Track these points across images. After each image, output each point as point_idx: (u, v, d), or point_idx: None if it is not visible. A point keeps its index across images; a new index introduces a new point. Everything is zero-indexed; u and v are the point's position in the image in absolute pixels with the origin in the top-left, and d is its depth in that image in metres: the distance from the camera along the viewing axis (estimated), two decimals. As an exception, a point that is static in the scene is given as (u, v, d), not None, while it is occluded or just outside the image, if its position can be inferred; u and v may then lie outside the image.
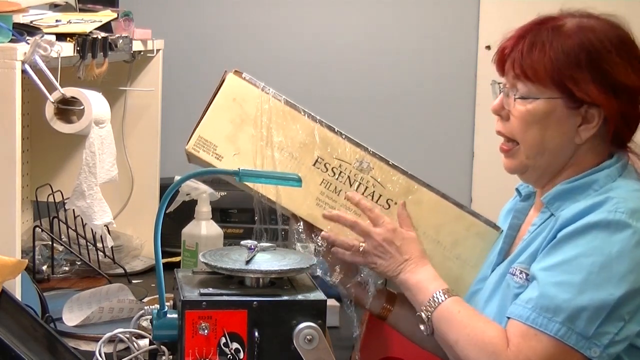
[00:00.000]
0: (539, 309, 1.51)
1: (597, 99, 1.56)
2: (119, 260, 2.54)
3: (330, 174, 1.76)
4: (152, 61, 2.63)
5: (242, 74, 1.79)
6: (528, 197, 1.75)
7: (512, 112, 1.62)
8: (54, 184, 2.55)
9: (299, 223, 1.76)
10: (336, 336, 2.01)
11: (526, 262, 1.61)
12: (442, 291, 1.64)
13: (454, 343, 1.58)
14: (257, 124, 1.76)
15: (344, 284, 1.79)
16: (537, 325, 1.50)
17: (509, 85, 1.63)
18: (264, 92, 1.78)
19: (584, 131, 1.59)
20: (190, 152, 1.76)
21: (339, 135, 1.78)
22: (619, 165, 1.62)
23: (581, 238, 1.52)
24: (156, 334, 1.58)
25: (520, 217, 1.75)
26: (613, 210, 1.52)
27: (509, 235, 1.74)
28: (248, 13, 3.07)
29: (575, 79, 1.56)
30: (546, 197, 1.65)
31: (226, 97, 1.77)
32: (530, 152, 1.62)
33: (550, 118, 1.59)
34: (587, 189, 1.60)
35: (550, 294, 1.50)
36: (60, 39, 1.94)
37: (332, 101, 3.02)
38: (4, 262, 1.59)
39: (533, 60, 1.58)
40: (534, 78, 1.58)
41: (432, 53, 3.03)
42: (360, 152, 1.77)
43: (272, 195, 1.74)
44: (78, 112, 1.95)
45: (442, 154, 3.05)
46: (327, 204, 1.75)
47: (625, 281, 1.49)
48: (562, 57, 1.57)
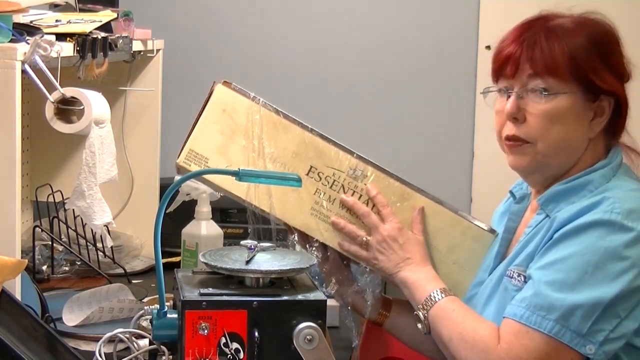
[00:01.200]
0: (532, 307, 1.51)
1: (616, 88, 1.61)
2: (119, 260, 2.54)
3: (324, 183, 1.75)
4: (152, 61, 2.63)
5: (232, 84, 1.76)
6: (522, 199, 1.75)
7: (531, 111, 1.61)
8: (54, 184, 2.55)
9: (293, 234, 1.76)
10: (336, 336, 2.01)
11: (523, 264, 1.61)
12: (439, 290, 1.65)
13: (448, 341, 1.59)
14: (248, 135, 1.75)
15: (341, 294, 1.79)
16: (531, 324, 1.50)
17: (520, 86, 1.62)
18: (254, 102, 1.75)
19: (596, 125, 1.62)
20: (182, 166, 1.74)
21: (332, 143, 1.76)
22: (614, 164, 1.63)
23: (576, 237, 1.53)
24: (156, 334, 1.58)
25: (516, 219, 1.75)
26: (609, 210, 1.52)
27: (505, 238, 1.74)
28: (248, 13, 3.07)
29: (594, 69, 1.59)
30: (541, 199, 1.65)
31: (215, 108, 1.75)
32: (550, 150, 1.61)
33: (570, 113, 1.60)
34: (581, 190, 1.60)
35: (544, 293, 1.51)
36: (60, 39, 1.94)
37: (331, 101, 3.02)
38: (4, 262, 1.59)
39: (554, 55, 1.59)
40: (557, 73, 1.59)
41: (432, 53, 3.03)
42: (354, 160, 1.76)
43: (266, 207, 1.73)
44: (78, 112, 1.95)
45: (442, 154, 3.04)
46: (321, 213, 1.74)
47: (620, 281, 1.49)
48: (579, 50, 1.59)
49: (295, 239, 1.76)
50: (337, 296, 1.80)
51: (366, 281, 1.77)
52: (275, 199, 1.72)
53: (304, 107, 2.71)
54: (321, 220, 1.74)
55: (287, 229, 1.76)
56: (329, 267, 1.78)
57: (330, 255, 1.78)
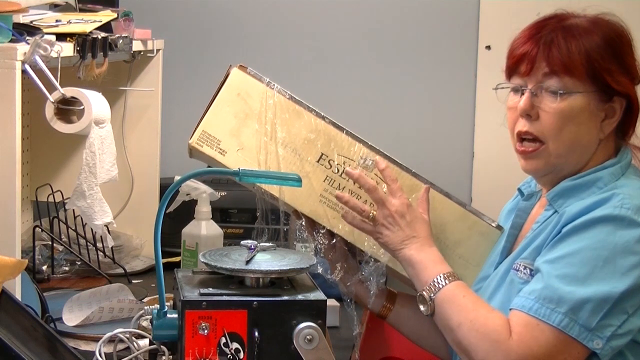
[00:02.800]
0: (542, 299, 1.51)
1: (629, 89, 1.62)
2: (119, 260, 2.54)
3: (334, 170, 1.76)
4: (152, 61, 2.63)
5: (247, 69, 1.77)
6: (530, 196, 1.75)
7: (546, 109, 1.61)
8: (54, 184, 2.55)
9: (301, 220, 1.76)
10: (336, 336, 2.01)
11: (530, 258, 1.62)
12: (447, 274, 1.63)
13: (456, 326, 1.57)
14: (262, 119, 1.75)
15: (345, 282, 1.79)
16: (540, 316, 1.50)
17: (535, 84, 1.62)
18: (269, 87, 1.76)
19: (607, 125, 1.63)
20: (194, 147, 1.74)
21: (344, 132, 1.77)
22: (623, 163, 1.64)
23: (586, 232, 1.53)
24: (156, 334, 1.58)
25: (523, 215, 1.75)
26: (619, 205, 1.53)
27: (511, 234, 1.74)
28: (248, 13, 3.07)
29: (610, 70, 1.60)
30: (550, 194, 1.65)
31: (230, 91, 1.76)
32: (562, 150, 1.62)
33: (584, 113, 1.61)
34: (591, 186, 1.61)
35: (554, 286, 1.51)
36: (60, 39, 1.94)
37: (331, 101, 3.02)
38: (4, 262, 1.59)
39: (571, 54, 1.59)
40: (573, 72, 1.59)
41: (432, 53, 3.03)
42: (365, 150, 1.76)
43: (275, 192, 1.73)
44: (78, 112, 1.95)
45: (442, 154, 3.04)
46: (330, 200, 1.74)
47: (630, 276, 1.50)
48: (595, 50, 1.60)
49: (302, 225, 1.76)
50: (341, 284, 1.79)
51: (370, 270, 1.76)
52: None
53: (304, 107, 2.70)
54: (329, 207, 1.75)
55: (295, 214, 1.77)
56: (335, 255, 1.78)
57: (337, 243, 1.77)
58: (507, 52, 1.68)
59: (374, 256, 1.76)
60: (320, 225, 1.75)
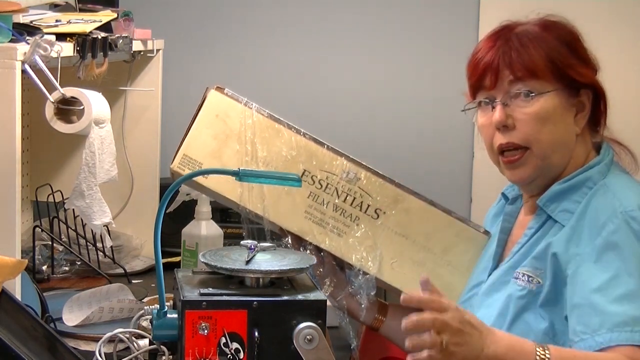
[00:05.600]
0: (618, 327, 1.48)
1: (592, 79, 1.66)
2: (119, 260, 2.54)
3: (317, 186, 1.76)
4: (152, 61, 2.63)
5: (224, 90, 1.78)
6: (515, 199, 1.77)
7: (520, 117, 1.63)
8: (54, 184, 2.55)
9: (287, 237, 1.76)
10: (336, 336, 2.01)
11: (530, 265, 1.62)
12: (539, 348, 1.49)
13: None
14: (242, 139, 1.76)
15: (335, 297, 1.79)
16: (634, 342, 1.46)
17: (503, 94, 1.64)
18: (247, 107, 1.77)
19: (580, 119, 1.66)
20: (176, 171, 1.75)
21: (324, 147, 1.77)
22: (607, 160, 1.67)
23: (611, 252, 1.53)
24: (156, 334, 1.58)
25: (511, 220, 1.76)
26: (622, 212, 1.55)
27: (501, 239, 1.75)
28: (248, 13, 3.07)
29: (571, 65, 1.64)
30: (542, 200, 1.66)
31: (209, 113, 1.77)
32: (546, 151, 1.63)
33: (557, 112, 1.63)
34: (581, 187, 1.63)
35: (618, 312, 1.48)
36: (60, 39, 1.94)
37: (331, 101, 3.02)
38: (4, 262, 1.59)
39: (532, 57, 1.62)
40: (538, 74, 1.62)
41: (432, 53, 3.03)
42: (346, 163, 1.77)
43: (260, 211, 1.73)
44: (78, 112, 1.95)
45: (442, 154, 3.04)
46: (315, 216, 1.75)
47: None
48: (552, 49, 1.63)
49: (288, 242, 1.76)
50: (332, 299, 1.79)
51: (360, 283, 1.76)
52: (269, 202, 1.73)
53: (304, 106, 2.72)
54: (315, 223, 1.75)
55: (281, 232, 1.77)
56: (323, 270, 1.78)
57: (324, 258, 1.77)
58: (466, 72, 1.70)
59: (363, 269, 1.77)
60: (307, 241, 1.75)
